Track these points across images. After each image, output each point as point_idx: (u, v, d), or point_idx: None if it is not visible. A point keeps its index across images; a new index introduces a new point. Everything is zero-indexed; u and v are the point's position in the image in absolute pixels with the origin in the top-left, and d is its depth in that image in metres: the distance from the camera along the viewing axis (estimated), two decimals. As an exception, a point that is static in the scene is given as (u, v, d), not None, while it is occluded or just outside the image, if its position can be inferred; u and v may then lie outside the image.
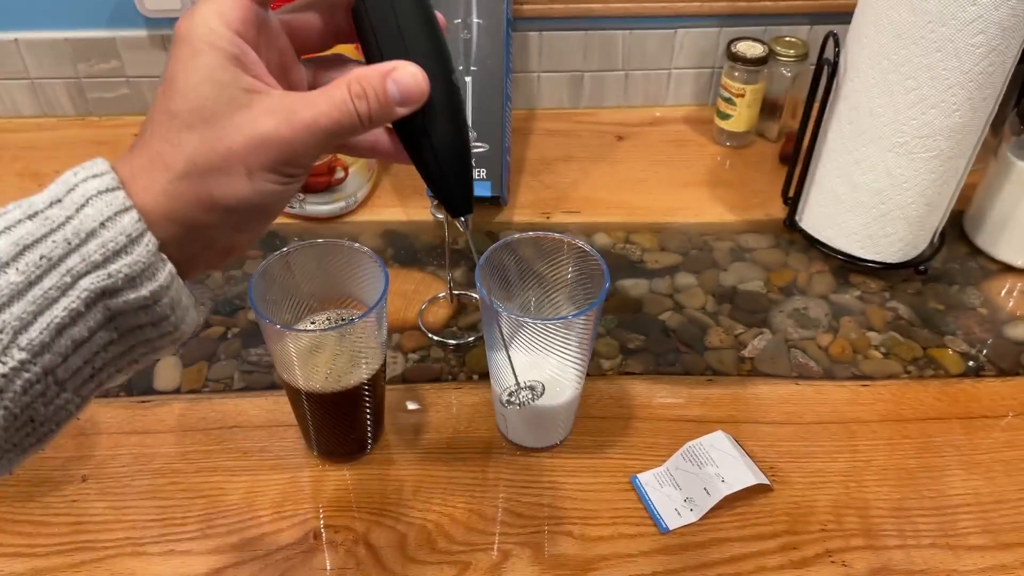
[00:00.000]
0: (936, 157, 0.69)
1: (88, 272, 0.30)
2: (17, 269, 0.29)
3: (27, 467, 0.61)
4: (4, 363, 0.29)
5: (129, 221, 0.31)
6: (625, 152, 0.93)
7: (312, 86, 0.38)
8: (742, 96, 0.89)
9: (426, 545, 0.57)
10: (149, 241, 0.31)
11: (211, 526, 0.58)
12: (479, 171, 0.80)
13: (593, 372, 0.68)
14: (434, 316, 0.73)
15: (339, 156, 0.79)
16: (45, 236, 0.30)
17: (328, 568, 0.55)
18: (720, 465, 0.60)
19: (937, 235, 0.78)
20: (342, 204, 0.82)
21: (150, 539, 0.57)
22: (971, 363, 0.70)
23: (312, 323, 0.59)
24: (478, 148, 0.68)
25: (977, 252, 0.80)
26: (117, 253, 0.31)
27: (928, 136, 0.68)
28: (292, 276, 0.57)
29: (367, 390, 0.58)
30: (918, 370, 0.69)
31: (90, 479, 0.61)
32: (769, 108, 0.93)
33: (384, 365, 0.59)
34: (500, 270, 0.58)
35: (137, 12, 0.89)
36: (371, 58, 0.36)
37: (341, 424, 0.60)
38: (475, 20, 0.82)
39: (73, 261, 0.30)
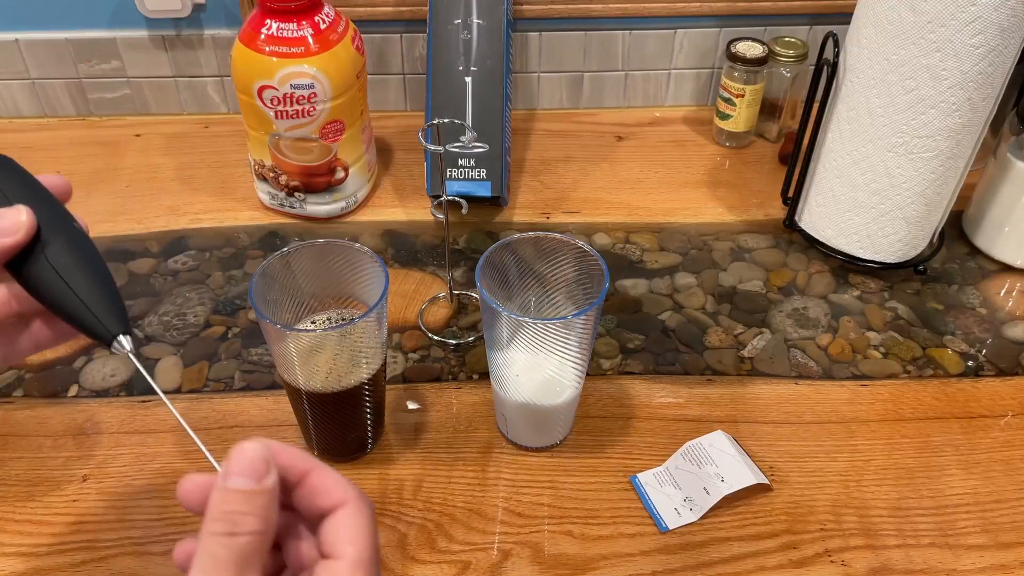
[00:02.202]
0: (935, 157, 0.70)
1: None
2: None
3: (28, 467, 0.61)
4: None
5: None
6: (625, 152, 0.93)
7: None
8: (742, 96, 0.89)
9: (426, 545, 0.57)
10: None
11: (212, 526, 0.58)
12: (479, 171, 0.80)
13: (593, 372, 0.68)
14: (434, 316, 0.73)
15: (339, 156, 0.79)
16: None
17: (328, 568, 0.55)
18: (720, 465, 0.60)
19: (936, 235, 0.78)
20: (342, 204, 0.83)
21: (151, 539, 0.57)
22: (970, 363, 0.70)
23: (312, 323, 0.59)
24: (478, 148, 0.68)
25: (976, 252, 0.80)
26: None
27: (927, 136, 0.68)
28: (292, 276, 0.57)
29: (367, 390, 0.58)
30: (917, 370, 0.69)
31: (91, 479, 0.61)
32: (769, 108, 0.93)
33: (384, 365, 0.59)
34: (500, 270, 0.58)
35: (137, 12, 0.89)
36: None
37: (341, 424, 0.60)
38: (475, 20, 0.82)
39: None
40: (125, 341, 0.37)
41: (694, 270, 0.78)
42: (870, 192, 0.73)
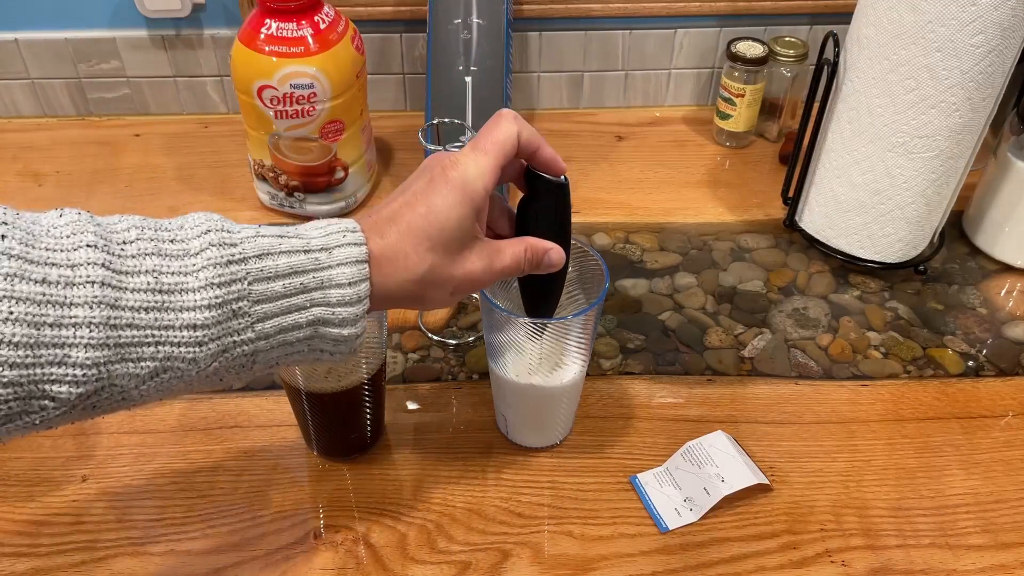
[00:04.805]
0: (936, 157, 0.70)
1: (321, 304, 0.42)
2: (283, 284, 0.41)
3: (27, 467, 0.61)
4: (241, 335, 0.40)
5: (364, 288, 0.43)
6: (625, 152, 0.93)
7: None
8: (742, 96, 0.89)
9: (426, 545, 0.57)
10: (367, 302, 0.44)
11: (211, 526, 0.58)
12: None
13: (593, 372, 0.68)
14: (434, 316, 0.73)
15: (339, 156, 0.79)
16: (309, 271, 0.42)
17: (328, 568, 0.55)
18: (720, 465, 0.60)
19: (937, 235, 0.78)
20: (342, 204, 0.82)
21: (150, 539, 0.57)
22: (970, 363, 0.70)
23: (312, 323, 0.59)
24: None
25: (976, 252, 0.80)
26: (346, 304, 0.43)
27: (928, 136, 0.68)
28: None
29: (367, 390, 0.58)
30: (917, 370, 0.69)
31: (90, 479, 0.61)
32: (769, 108, 0.93)
33: (384, 365, 0.59)
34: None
35: (137, 12, 0.89)
36: (528, 224, 0.51)
37: (341, 424, 0.60)
38: (475, 20, 0.82)
39: (317, 295, 0.42)
40: (543, 324, 0.55)
41: (694, 270, 0.78)
42: (870, 192, 0.73)
